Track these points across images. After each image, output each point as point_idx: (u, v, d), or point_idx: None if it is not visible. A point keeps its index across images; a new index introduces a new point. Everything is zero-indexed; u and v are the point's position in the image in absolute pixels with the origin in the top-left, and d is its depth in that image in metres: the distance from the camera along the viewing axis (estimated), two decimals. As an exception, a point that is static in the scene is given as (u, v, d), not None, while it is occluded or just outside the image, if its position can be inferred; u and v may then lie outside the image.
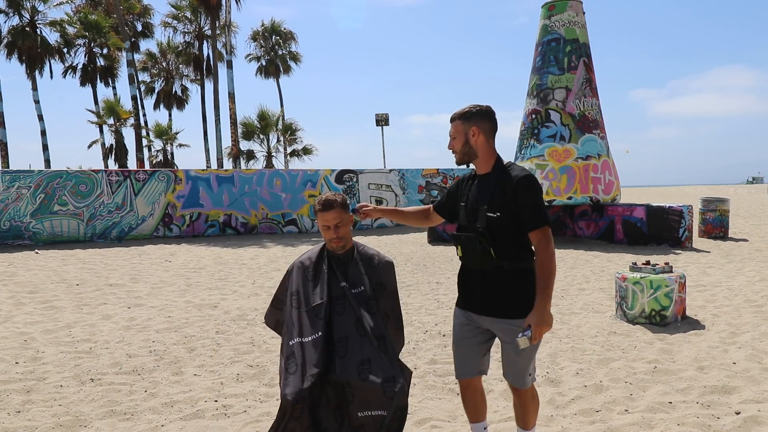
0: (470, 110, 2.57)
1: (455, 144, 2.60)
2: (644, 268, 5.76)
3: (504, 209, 2.46)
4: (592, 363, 4.48)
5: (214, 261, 10.98)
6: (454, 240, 2.67)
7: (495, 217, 2.48)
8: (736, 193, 48.37)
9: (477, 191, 2.59)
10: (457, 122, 2.58)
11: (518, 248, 2.50)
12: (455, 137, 2.60)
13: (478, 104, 2.60)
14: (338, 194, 2.73)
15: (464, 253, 2.58)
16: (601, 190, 12.78)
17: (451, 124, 2.62)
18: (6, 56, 29.42)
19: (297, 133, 31.88)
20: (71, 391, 4.00)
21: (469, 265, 2.62)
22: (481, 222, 2.50)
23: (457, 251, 2.64)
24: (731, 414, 3.45)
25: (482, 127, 2.56)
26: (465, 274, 2.70)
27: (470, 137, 2.56)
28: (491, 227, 2.48)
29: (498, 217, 2.47)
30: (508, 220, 2.46)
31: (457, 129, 2.59)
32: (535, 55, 13.73)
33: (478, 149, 2.57)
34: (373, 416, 2.45)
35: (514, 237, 2.49)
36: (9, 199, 14.18)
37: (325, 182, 18.01)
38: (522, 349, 2.48)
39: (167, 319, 6.16)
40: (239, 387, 4.07)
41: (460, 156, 2.61)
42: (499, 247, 2.48)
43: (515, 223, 2.46)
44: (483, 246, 2.49)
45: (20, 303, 7.04)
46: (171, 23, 33.80)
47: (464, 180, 2.75)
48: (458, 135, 2.59)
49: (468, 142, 2.57)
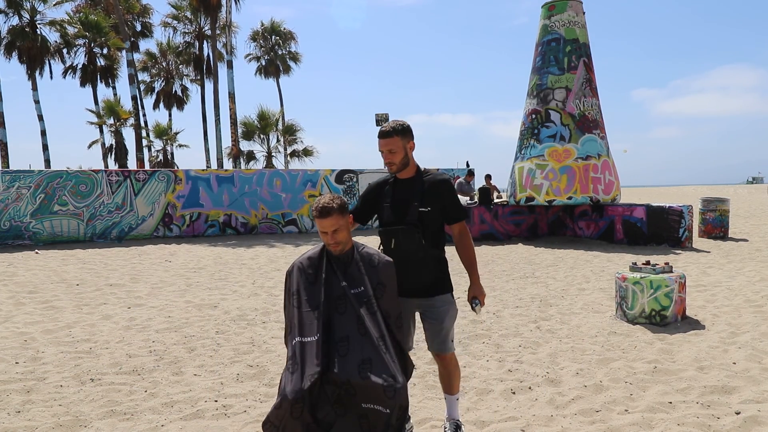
0: (403, 126, 2.95)
1: (395, 157, 2.94)
2: (644, 268, 5.76)
3: (432, 204, 2.93)
4: (592, 363, 4.48)
5: (214, 261, 10.98)
6: (388, 234, 2.97)
7: (426, 211, 2.92)
8: (736, 193, 48.36)
9: (403, 192, 2.99)
10: (396, 138, 2.91)
11: (439, 238, 3.01)
12: (396, 151, 2.93)
13: (402, 121, 2.99)
14: (336, 198, 2.71)
15: (400, 244, 2.92)
16: (601, 190, 12.78)
17: (387, 139, 2.92)
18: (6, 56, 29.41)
19: (297, 133, 31.87)
20: (71, 391, 4.00)
21: (402, 255, 2.92)
22: (412, 216, 2.90)
23: (388, 244, 2.95)
24: (731, 414, 3.45)
25: (413, 141, 3.00)
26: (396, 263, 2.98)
27: (408, 150, 2.98)
28: (422, 220, 2.91)
29: (428, 211, 2.92)
30: (436, 213, 2.94)
31: (396, 144, 2.92)
32: (535, 55, 13.72)
33: (411, 160, 3.00)
34: (376, 410, 2.46)
35: (438, 228, 3.00)
36: (9, 199, 14.18)
37: (325, 182, 18.01)
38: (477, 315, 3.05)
39: (167, 319, 6.16)
40: (239, 387, 4.07)
41: (399, 167, 2.96)
42: (428, 237, 2.93)
43: (440, 216, 2.98)
44: (418, 236, 2.90)
45: (20, 303, 7.04)
46: (171, 23, 33.79)
47: (380, 185, 3.10)
48: (398, 149, 2.93)
49: (407, 155, 2.97)
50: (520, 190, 13.43)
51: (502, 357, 4.68)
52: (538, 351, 4.84)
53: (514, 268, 9.52)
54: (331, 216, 2.65)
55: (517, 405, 3.69)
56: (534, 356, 4.70)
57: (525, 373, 4.28)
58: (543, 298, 7.00)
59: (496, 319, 6.02)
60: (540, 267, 9.65)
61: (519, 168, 13.53)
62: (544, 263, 10.09)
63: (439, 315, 2.98)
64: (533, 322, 5.85)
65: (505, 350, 4.88)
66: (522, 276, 8.75)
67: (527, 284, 8.04)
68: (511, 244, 13.14)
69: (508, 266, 9.78)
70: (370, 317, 2.61)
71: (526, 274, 8.95)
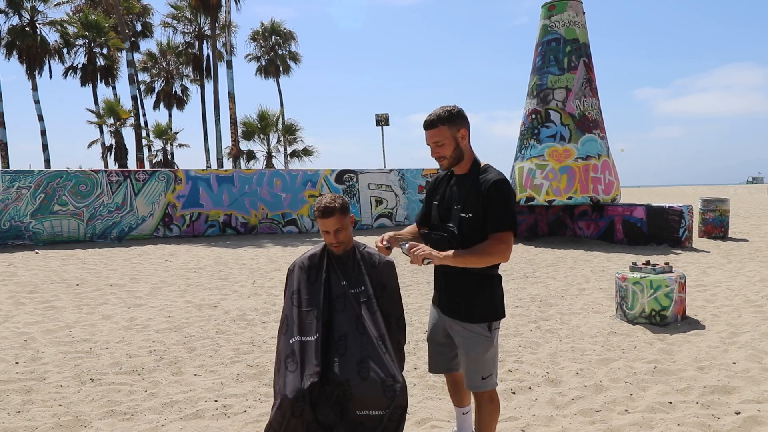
0: (452, 112, 2.46)
1: (444, 150, 2.48)
2: (644, 268, 5.76)
3: (475, 210, 2.43)
4: (592, 363, 4.48)
5: (214, 261, 10.97)
6: (424, 239, 2.63)
7: (467, 217, 2.45)
8: (736, 193, 48.36)
9: (453, 191, 2.57)
10: (443, 127, 2.45)
11: None
12: (444, 143, 2.47)
13: (450, 106, 2.50)
14: (338, 198, 2.68)
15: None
16: (601, 190, 12.77)
17: (433, 130, 2.47)
18: (6, 56, 29.41)
19: (297, 133, 31.88)
20: (71, 391, 4.00)
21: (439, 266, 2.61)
22: (455, 221, 2.48)
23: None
24: (731, 414, 3.45)
25: (468, 129, 2.52)
26: (435, 272, 2.74)
27: (460, 140, 2.49)
28: (462, 228, 2.46)
29: (470, 218, 2.44)
30: (479, 222, 2.43)
31: (443, 134, 2.46)
32: (535, 55, 13.72)
33: (466, 152, 2.53)
34: (371, 416, 2.45)
35: (483, 238, 2.43)
36: (9, 199, 14.18)
37: (325, 182, 18.01)
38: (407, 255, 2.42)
39: (167, 319, 6.16)
40: (239, 387, 4.07)
41: (450, 162, 2.52)
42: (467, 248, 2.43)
43: (485, 225, 2.42)
44: (451, 246, 2.45)
45: (20, 303, 7.04)
46: (171, 23, 33.80)
47: (440, 179, 2.69)
48: (447, 140, 2.47)
49: (459, 146, 2.49)
50: (520, 190, 13.43)
51: (502, 357, 4.68)
52: (538, 351, 4.84)
53: (514, 268, 9.52)
54: (334, 216, 2.64)
55: (517, 405, 3.69)
56: (534, 356, 4.70)
57: (525, 373, 4.28)
58: (543, 298, 7.00)
59: (496, 319, 6.02)
60: (540, 267, 9.65)
61: (519, 168, 13.53)
62: (544, 263, 10.09)
63: (465, 345, 2.56)
64: (533, 322, 5.85)
65: (505, 350, 4.87)
66: (522, 276, 8.75)
67: (527, 284, 8.04)
68: (511, 244, 13.14)
69: (508, 266, 9.78)
70: (369, 317, 2.60)
71: (526, 274, 8.95)
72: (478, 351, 2.53)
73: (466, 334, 2.55)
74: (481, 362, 2.55)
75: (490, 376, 2.58)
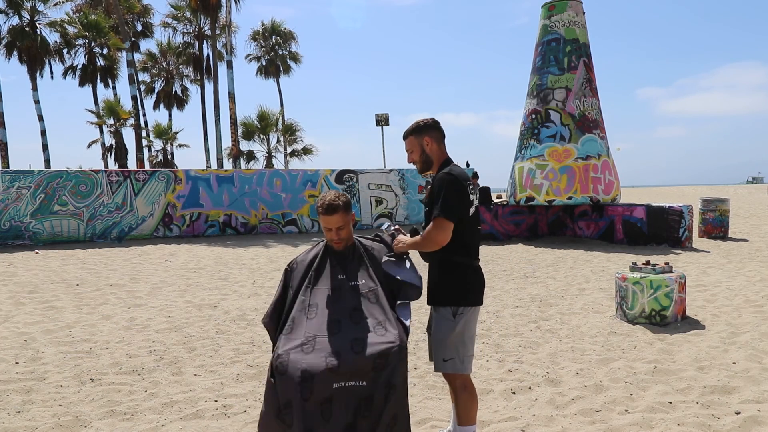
0: (419, 124, 2.88)
1: (414, 156, 2.90)
2: (644, 268, 5.76)
3: (429, 203, 2.79)
4: (592, 363, 4.48)
5: (214, 261, 10.97)
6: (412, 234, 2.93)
7: (426, 211, 2.85)
8: (736, 193, 48.35)
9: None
10: (411, 137, 2.89)
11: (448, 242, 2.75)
12: (412, 150, 2.89)
13: (422, 119, 2.92)
14: (341, 195, 2.73)
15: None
16: (601, 190, 12.78)
17: (405, 141, 2.92)
18: (6, 56, 29.40)
19: (297, 133, 31.86)
20: (71, 391, 4.00)
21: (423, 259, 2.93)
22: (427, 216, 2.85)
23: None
24: (731, 414, 3.45)
25: (433, 136, 2.87)
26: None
27: (426, 147, 2.87)
28: (427, 221, 2.81)
29: (427, 212, 2.82)
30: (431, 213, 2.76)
31: (412, 143, 2.89)
32: (535, 55, 13.72)
33: (433, 155, 2.88)
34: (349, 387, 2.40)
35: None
36: (9, 199, 14.18)
37: (325, 182, 18.01)
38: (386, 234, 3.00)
39: (167, 319, 6.16)
40: (239, 387, 4.07)
41: (422, 165, 2.90)
42: None
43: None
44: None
45: (20, 303, 7.04)
46: (171, 23, 33.78)
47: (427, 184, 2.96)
48: (414, 148, 2.88)
49: (425, 152, 2.88)
50: (520, 190, 13.43)
51: (502, 357, 4.68)
52: (538, 351, 4.84)
53: (514, 268, 9.52)
54: (337, 213, 2.67)
55: (517, 405, 3.69)
56: (534, 356, 4.70)
57: (525, 373, 4.28)
58: (543, 298, 7.00)
59: (496, 319, 6.02)
60: (540, 267, 9.65)
61: (519, 168, 13.53)
62: (544, 263, 10.09)
63: (433, 327, 2.84)
64: (533, 322, 5.85)
65: (505, 350, 4.88)
66: (522, 276, 8.75)
67: (527, 284, 8.04)
68: (511, 244, 13.14)
69: (508, 266, 9.78)
70: (370, 306, 2.61)
71: (526, 274, 8.95)
72: (441, 332, 2.77)
73: (434, 315, 2.85)
74: (444, 344, 2.77)
75: (452, 360, 2.75)
